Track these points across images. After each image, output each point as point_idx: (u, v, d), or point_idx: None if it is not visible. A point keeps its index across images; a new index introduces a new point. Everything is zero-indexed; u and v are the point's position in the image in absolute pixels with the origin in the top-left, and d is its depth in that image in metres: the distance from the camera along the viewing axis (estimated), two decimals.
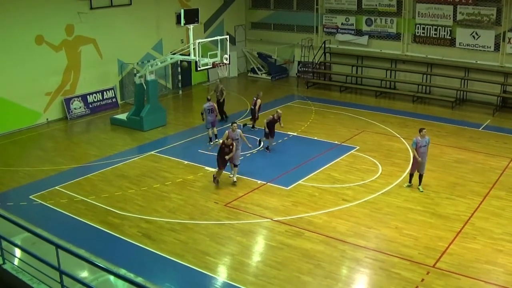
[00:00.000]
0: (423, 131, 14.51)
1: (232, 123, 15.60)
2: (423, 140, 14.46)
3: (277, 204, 14.00)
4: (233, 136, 15.12)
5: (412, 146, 14.63)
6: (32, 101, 20.82)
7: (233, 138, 15.01)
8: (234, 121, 15.79)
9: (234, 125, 15.46)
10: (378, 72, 26.12)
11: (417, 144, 14.41)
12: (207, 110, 18.63)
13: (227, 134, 14.97)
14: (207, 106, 18.69)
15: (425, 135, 14.52)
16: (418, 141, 14.43)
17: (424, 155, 14.58)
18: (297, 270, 11.00)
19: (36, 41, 20.65)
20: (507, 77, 22.78)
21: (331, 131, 19.78)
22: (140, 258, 11.56)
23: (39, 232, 7.48)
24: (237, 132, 15.35)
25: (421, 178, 14.75)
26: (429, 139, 14.86)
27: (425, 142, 14.51)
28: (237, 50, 29.47)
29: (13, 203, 14.13)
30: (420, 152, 14.43)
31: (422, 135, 14.45)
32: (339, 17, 27.09)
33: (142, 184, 15.43)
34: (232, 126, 15.44)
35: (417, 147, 14.40)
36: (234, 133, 15.27)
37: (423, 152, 14.51)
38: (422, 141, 14.45)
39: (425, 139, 14.51)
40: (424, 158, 14.56)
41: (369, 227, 12.71)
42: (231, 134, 15.15)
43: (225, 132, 15.12)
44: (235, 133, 15.30)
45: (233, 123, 15.63)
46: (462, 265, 11.07)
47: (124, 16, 23.64)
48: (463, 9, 23.19)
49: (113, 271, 6.50)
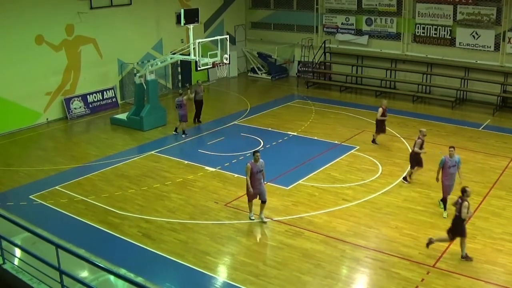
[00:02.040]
0: (451, 149, 13.02)
1: (256, 152, 12.73)
2: (452, 160, 12.90)
3: (277, 203, 13.99)
4: (257, 168, 12.54)
5: (439, 165, 13.10)
6: (32, 101, 20.83)
7: (258, 170, 12.57)
8: (258, 150, 13.02)
9: (257, 154, 12.64)
10: (378, 72, 26.12)
11: (446, 163, 12.94)
12: (176, 105, 19.37)
13: (249, 166, 12.44)
14: (176, 101, 19.43)
15: (454, 154, 12.95)
16: (446, 160, 12.92)
17: (453, 176, 12.98)
18: (297, 269, 11.00)
19: (36, 41, 20.65)
20: (507, 77, 22.78)
21: (331, 131, 19.78)
22: (140, 258, 11.56)
23: (39, 232, 7.49)
24: (261, 163, 12.65)
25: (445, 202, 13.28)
26: (459, 158, 13.13)
27: (454, 161, 12.90)
28: (237, 50, 29.47)
29: (13, 203, 14.13)
30: (449, 173, 12.94)
31: (450, 154, 12.92)
32: (339, 17, 27.09)
33: (142, 184, 15.43)
34: (255, 156, 12.64)
35: (445, 167, 12.96)
36: (258, 163, 12.58)
37: (452, 173, 12.94)
38: (451, 161, 12.90)
39: (454, 158, 12.92)
40: (451, 180, 12.98)
41: (369, 227, 12.71)
42: (254, 166, 12.52)
43: (247, 165, 12.49)
44: (259, 163, 12.61)
45: (257, 152, 12.76)
46: (462, 264, 11.07)
47: (124, 16, 23.64)
48: (463, 9, 23.19)
49: (113, 271, 6.50)
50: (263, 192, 12.76)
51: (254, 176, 12.47)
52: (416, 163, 15.11)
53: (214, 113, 22.43)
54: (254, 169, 12.45)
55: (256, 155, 12.58)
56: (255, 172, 12.45)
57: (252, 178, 12.49)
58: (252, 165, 12.47)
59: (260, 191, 12.70)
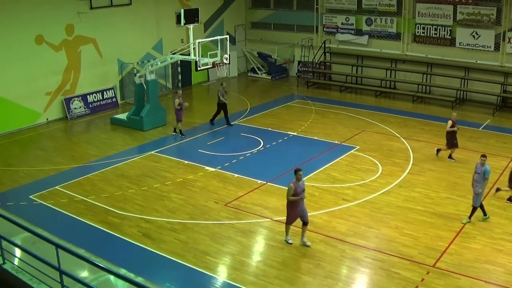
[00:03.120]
0: (482, 158, 12.74)
1: (298, 171, 11.65)
2: (480, 167, 12.69)
3: (277, 203, 13.99)
4: (300, 188, 11.64)
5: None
6: (32, 101, 20.83)
7: (301, 189, 11.67)
8: (299, 168, 11.76)
9: (300, 173, 11.60)
10: (378, 71, 26.13)
11: (475, 169, 12.84)
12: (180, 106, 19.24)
13: (292, 187, 11.50)
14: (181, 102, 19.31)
15: (484, 163, 12.65)
16: (476, 166, 12.82)
17: (476, 184, 12.69)
18: (297, 269, 11.00)
19: (36, 41, 20.65)
20: (507, 77, 22.78)
21: (331, 131, 19.78)
22: (140, 258, 11.56)
23: (39, 232, 7.49)
24: (303, 182, 11.84)
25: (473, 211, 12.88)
26: (489, 170, 12.69)
27: (481, 170, 12.64)
28: (237, 50, 29.47)
29: (13, 203, 14.13)
30: (473, 179, 12.84)
31: (481, 162, 12.71)
32: (339, 17, 27.09)
33: (142, 184, 15.43)
34: (297, 175, 11.59)
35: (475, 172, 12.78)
36: (301, 182, 11.66)
37: (476, 180, 12.72)
38: (478, 168, 12.74)
39: (482, 167, 12.63)
40: (475, 187, 12.73)
41: (369, 227, 12.71)
42: (297, 186, 11.58)
43: (290, 185, 11.53)
44: (301, 182, 11.70)
45: (299, 170, 11.68)
46: (462, 264, 11.07)
47: (124, 16, 23.64)
48: (463, 8, 23.19)
49: (113, 271, 6.50)
50: (305, 212, 11.86)
51: (298, 196, 11.60)
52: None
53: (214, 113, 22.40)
54: (298, 189, 11.53)
55: (298, 173, 11.55)
56: (299, 192, 11.56)
57: None
58: (295, 185, 11.51)
59: (303, 211, 11.83)
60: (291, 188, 11.52)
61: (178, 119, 19.40)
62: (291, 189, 11.53)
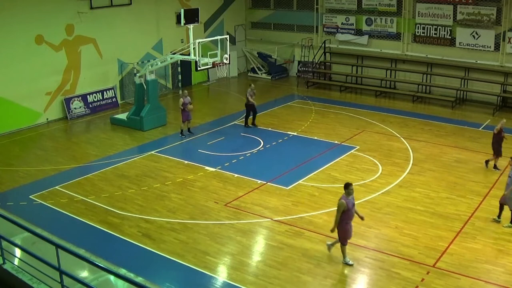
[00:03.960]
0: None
1: (349, 185, 10.84)
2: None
3: (277, 203, 13.99)
4: (351, 203, 10.91)
5: None
6: (32, 101, 20.83)
7: (352, 204, 10.93)
8: (350, 183, 10.97)
9: (351, 188, 10.86)
10: (378, 71, 26.13)
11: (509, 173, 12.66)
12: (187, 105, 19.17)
13: (344, 203, 10.69)
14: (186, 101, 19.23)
15: None
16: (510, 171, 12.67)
17: (508, 187, 12.52)
18: (297, 269, 11.00)
19: (36, 41, 20.65)
20: (507, 77, 22.78)
21: (331, 131, 19.78)
22: (140, 258, 11.56)
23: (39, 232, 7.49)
24: (353, 196, 11.07)
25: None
26: None
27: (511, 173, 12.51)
28: (237, 50, 29.48)
29: (13, 203, 14.13)
30: (507, 183, 12.65)
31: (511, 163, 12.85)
32: (339, 17, 27.09)
33: (142, 183, 15.43)
34: (348, 189, 10.84)
35: None
36: (351, 197, 10.93)
37: (509, 183, 12.53)
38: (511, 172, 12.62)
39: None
40: (507, 189, 12.57)
41: (369, 227, 12.70)
42: (349, 201, 10.83)
43: (341, 202, 10.73)
44: (352, 197, 10.97)
45: (350, 184, 10.88)
46: (462, 265, 11.07)
47: (124, 16, 23.65)
48: (463, 8, 23.19)
49: (113, 271, 6.50)
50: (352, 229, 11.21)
51: (349, 211, 10.85)
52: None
53: (214, 113, 22.44)
54: (349, 205, 10.79)
55: (350, 188, 10.79)
56: (351, 207, 10.84)
57: (346, 214, 10.85)
58: (347, 201, 10.74)
59: (351, 227, 11.15)
60: (343, 204, 10.68)
61: (182, 119, 19.38)
62: (342, 205, 10.69)
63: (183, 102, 19.04)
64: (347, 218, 10.90)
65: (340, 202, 10.75)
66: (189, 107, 19.18)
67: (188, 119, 19.37)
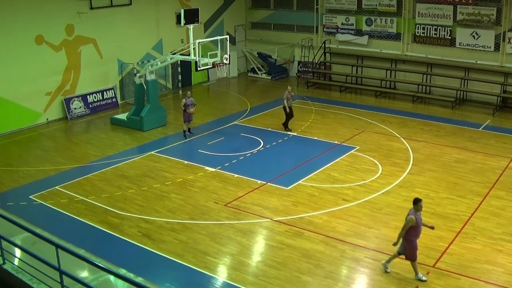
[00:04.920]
0: None
1: (419, 201, 10.42)
2: None
3: (277, 204, 14.00)
4: (419, 219, 10.42)
5: None
6: (32, 101, 20.83)
7: (420, 220, 10.45)
8: (420, 198, 10.54)
9: (421, 203, 10.42)
10: (378, 72, 26.12)
11: None
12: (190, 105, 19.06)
13: (413, 219, 10.21)
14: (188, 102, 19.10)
15: None
16: None
17: None
18: (297, 270, 11.00)
19: (36, 41, 20.65)
20: (507, 77, 22.78)
21: (331, 131, 19.78)
22: (140, 258, 11.56)
23: (39, 232, 7.49)
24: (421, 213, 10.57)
25: None
26: None
27: None
28: (237, 50, 29.48)
29: (13, 203, 14.14)
30: None
31: None
32: (339, 17, 27.10)
33: (142, 184, 15.43)
34: (418, 205, 10.37)
35: None
36: (419, 213, 10.44)
37: None
38: None
39: None
40: None
41: (369, 227, 12.71)
42: (418, 216, 10.36)
43: (411, 217, 10.22)
44: (420, 213, 10.47)
45: (419, 200, 10.44)
46: (462, 265, 11.07)
47: (124, 16, 23.65)
48: (463, 9, 23.19)
49: (113, 271, 6.50)
50: None
51: (417, 228, 10.39)
52: None
53: (214, 113, 22.44)
54: (418, 221, 10.35)
55: (420, 204, 10.35)
56: (419, 223, 10.40)
57: (414, 231, 10.39)
58: (417, 216, 10.30)
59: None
60: (412, 220, 10.22)
61: (183, 119, 19.26)
62: (411, 221, 10.23)
63: (185, 103, 18.98)
64: (415, 234, 10.45)
65: (409, 217, 10.26)
66: (190, 110, 19.02)
67: (189, 120, 19.31)
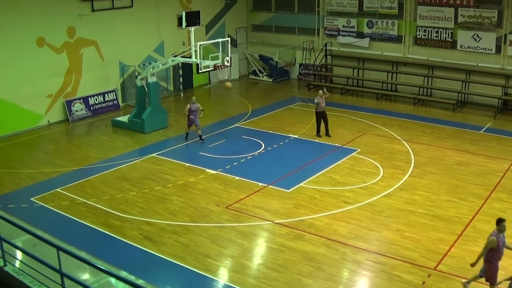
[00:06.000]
0: None
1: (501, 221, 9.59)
2: None
3: (278, 206, 13.99)
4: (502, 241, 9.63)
5: None
6: (33, 103, 20.84)
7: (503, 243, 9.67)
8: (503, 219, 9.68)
9: (504, 224, 9.57)
10: (379, 74, 26.12)
11: None
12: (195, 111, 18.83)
13: (495, 240, 9.47)
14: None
15: None
16: None
17: None
18: (298, 272, 10.99)
19: (37, 43, 20.68)
20: (509, 80, 22.78)
21: (332, 134, 19.75)
22: (141, 260, 11.55)
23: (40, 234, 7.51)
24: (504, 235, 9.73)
25: None
26: None
27: None
28: (238, 52, 29.52)
29: (14, 205, 14.14)
30: None
31: None
32: (341, 20, 27.12)
33: (143, 186, 15.44)
34: (500, 225, 9.56)
35: None
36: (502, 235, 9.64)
37: None
38: None
39: None
40: None
41: (370, 230, 12.70)
42: (500, 238, 9.56)
43: (492, 239, 9.51)
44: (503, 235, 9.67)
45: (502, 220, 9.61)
46: (463, 267, 11.03)
47: (126, 18, 23.68)
48: (464, 11, 23.20)
49: (114, 273, 6.51)
50: None
51: (499, 251, 9.62)
52: None
53: (215, 115, 22.45)
54: (500, 243, 9.56)
55: (502, 224, 9.52)
56: (501, 246, 9.60)
57: (496, 253, 9.64)
58: (498, 238, 9.51)
59: None
60: (493, 241, 9.48)
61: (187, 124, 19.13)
62: (492, 242, 9.50)
63: (189, 109, 18.84)
64: (496, 257, 9.66)
65: (491, 239, 9.54)
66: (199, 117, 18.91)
67: (195, 125, 18.98)
